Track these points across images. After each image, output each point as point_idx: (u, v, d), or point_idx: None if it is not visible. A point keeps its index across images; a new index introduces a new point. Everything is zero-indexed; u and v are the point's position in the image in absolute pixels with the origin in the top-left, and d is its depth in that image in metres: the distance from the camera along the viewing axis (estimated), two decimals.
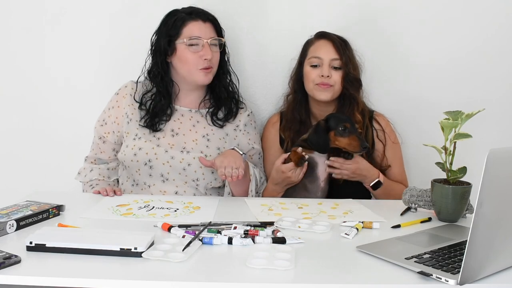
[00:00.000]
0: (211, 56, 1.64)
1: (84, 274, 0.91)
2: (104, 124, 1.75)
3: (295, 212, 1.39)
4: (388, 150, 1.75)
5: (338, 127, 1.57)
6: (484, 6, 1.95)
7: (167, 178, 1.63)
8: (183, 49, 1.64)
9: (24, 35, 1.98)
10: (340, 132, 1.56)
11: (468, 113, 1.28)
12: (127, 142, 1.67)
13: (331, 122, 1.59)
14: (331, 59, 1.69)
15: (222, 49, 1.72)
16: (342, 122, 1.57)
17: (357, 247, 1.07)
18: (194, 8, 1.69)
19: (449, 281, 0.89)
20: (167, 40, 1.65)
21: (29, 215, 1.19)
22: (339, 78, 1.70)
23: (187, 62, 1.64)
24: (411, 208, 1.42)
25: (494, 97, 1.98)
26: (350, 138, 1.56)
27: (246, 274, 0.93)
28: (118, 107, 1.73)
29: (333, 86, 1.70)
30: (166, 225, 1.17)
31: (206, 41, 1.63)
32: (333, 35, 1.74)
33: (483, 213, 0.86)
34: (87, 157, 1.79)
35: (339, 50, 1.70)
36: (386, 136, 1.76)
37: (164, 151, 1.63)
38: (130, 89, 1.74)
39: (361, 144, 1.54)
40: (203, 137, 1.69)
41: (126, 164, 1.66)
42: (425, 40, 1.96)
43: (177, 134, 1.68)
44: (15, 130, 2.03)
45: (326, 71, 1.69)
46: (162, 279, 0.90)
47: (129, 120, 1.70)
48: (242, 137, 1.75)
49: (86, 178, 1.73)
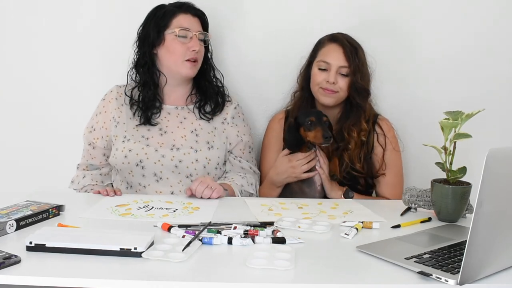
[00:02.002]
0: (199, 48, 1.67)
1: (84, 274, 0.91)
2: (93, 130, 1.75)
3: (295, 212, 1.39)
4: (387, 156, 1.72)
5: (305, 122, 1.59)
6: (485, 6, 1.95)
7: (160, 177, 1.63)
8: (171, 39, 1.67)
9: (19, 36, 1.98)
10: (308, 127, 1.59)
11: (468, 113, 1.28)
12: (117, 145, 1.68)
13: (300, 119, 1.63)
14: (339, 66, 1.68)
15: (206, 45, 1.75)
16: (308, 116, 1.60)
17: (357, 247, 1.07)
18: (184, 2, 1.73)
19: (449, 281, 0.89)
20: (156, 30, 1.68)
21: (29, 215, 1.18)
22: (345, 85, 1.68)
23: (175, 53, 1.67)
24: (411, 208, 1.42)
25: (494, 97, 1.98)
26: (315, 131, 1.58)
27: (246, 274, 0.93)
28: (105, 112, 1.74)
29: (338, 93, 1.69)
30: (166, 225, 1.17)
31: (195, 34, 1.67)
32: (345, 40, 1.71)
33: (483, 213, 0.85)
34: (79, 165, 1.78)
35: (349, 57, 1.67)
36: (387, 140, 1.73)
37: (154, 150, 1.64)
38: (115, 93, 1.75)
39: (323, 135, 1.55)
40: (191, 132, 1.70)
41: (118, 167, 1.66)
42: (425, 40, 1.96)
43: (166, 133, 1.69)
44: (15, 130, 2.04)
45: (333, 77, 1.67)
46: (162, 279, 0.90)
47: (117, 123, 1.70)
48: (230, 130, 1.75)
49: (80, 185, 1.73)
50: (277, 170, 1.63)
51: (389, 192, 1.72)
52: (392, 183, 1.73)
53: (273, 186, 1.66)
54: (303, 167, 1.59)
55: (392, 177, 1.73)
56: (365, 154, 1.69)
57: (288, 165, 1.60)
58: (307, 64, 1.79)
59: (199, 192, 1.49)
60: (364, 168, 1.69)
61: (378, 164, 1.72)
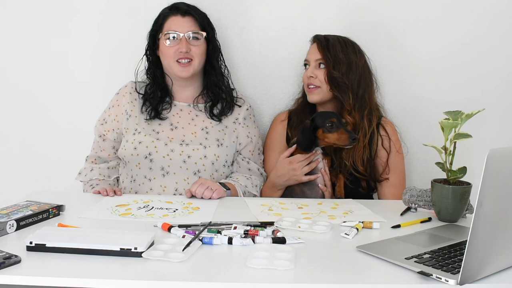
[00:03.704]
0: (186, 49, 1.67)
1: (84, 274, 0.91)
2: (104, 123, 1.77)
3: (295, 212, 1.39)
4: (391, 159, 1.71)
5: (325, 124, 1.57)
6: (484, 6, 1.95)
7: (167, 171, 1.64)
8: (163, 43, 1.70)
9: (18, 36, 1.98)
10: (328, 129, 1.56)
11: (468, 113, 1.28)
12: (127, 138, 1.69)
13: (318, 121, 1.59)
14: (315, 60, 1.70)
15: (210, 44, 1.74)
16: (328, 118, 1.57)
17: (357, 247, 1.07)
18: (176, 3, 1.74)
19: (449, 281, 0.89)
20: (152, 35, 1.73)
21: (29, 215, 1.18)
22: (322, 76, 1.68)
23: (167, 56, 1.70)
24: (411, 208, 1.42)
25: (494, 97, 1.98)
26: (339, 133, 1.55)
27: (246, 274, 0.93)
28: (118, 106, 1.76)
29: (320, 87, 1.69)
30: (166, 225, 1.17)
31: (183, 35, 1.67)
32: (323, 37, 1.72)
33: (483, 213, 0.86)
34: (87, 157, 1.80)
35: (323, 49, 1.68)
36: (392, 144, 1.71)
37: (163, 144, 1.65)
38: (130, 88, 1.78)
39: (350, 136, 1.53)
40: (202, 129, 1.71)
41: (126, 159, 1.68)
42: (425, 40, 1.96)
43: (176, 128, 1.70)
44: (15, 131, 2.04)
45: (310, 71, 1.70)
46: (162, 279, 0.90)
47: (129, 116, 1.72)
48: (241, 130, 1.76)
49: (87, 178, 1.74)
50: (278, 172, 1.63)
51: (391, 193, 1.71)
52: (394, 185, 1.71)
53: (274, 188, 1.66)
54: (304, 169, 1.58)
55: (395, 180, 1.71)
56: (368, 157, 1.68)
57: (289, 167, 1.59)
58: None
59: (199, 193, 1.50)
60: (367, 171, 1.68)
61: (382, 168, 1.70)
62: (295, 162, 1.58)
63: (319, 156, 1.62)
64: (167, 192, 1.63)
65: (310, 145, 1.59)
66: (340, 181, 1.63)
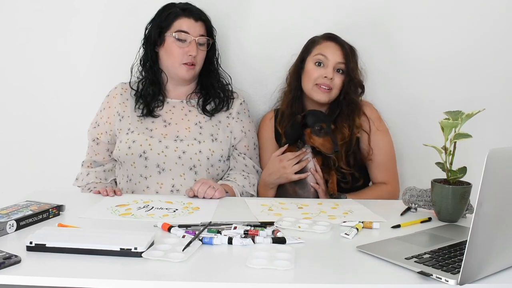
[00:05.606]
0: (196, 53, 1.68)
1: (84, 274, 0.91)
2: (97, 126, 1.77)
3: (295, 212, 1.39)
4: (372, 139, 1.69)
5: (315, 126, 1.58)
6: (484, 6, 1.94)
7: (163, 168, 1.64)
8: (171, 42, 1.68)
9: (17, 37, 1.98)
10: (316, 132, 1.58)
11: (468, 113, 1.28)
12: (121, 138, 1.69)
13: (309, 120, 1.61)
14: (337, 62, 1.68)
15: (211, 49, 1.76)
16: (319, 121, 1.58)
17: (357, 247, 1.07)
18: (190, 6, 1.73)
19: (449, 281, 0.89)
20: (158, 31, 1.70)
21: (29, 215, 1.18)
22: (340, 83, 1.69)
23: (173, 55, 1.69)
24: (411, 208, 1.42)
25: (494, 97, 1.98)
26: (325, 139, 1.57)
27: (246, 274, 0.93)
28: (109, 108, 1.76)
29: (332, 90, 1.69)
30: (166, 225, 1.17)
31: (194, 39, 1.67)
32: (341, 39, 1.72)
33: (483, 213, 0.85)
34: (83, 162, 1.80)
35: (347, 55, 1.68)
36: (371, 123, 1.71)
37: (158, 141, 1.65)
38: (120, 89, 1.78)
39: (333, 148, 1.56)
40: (195, 124, 1.71)
41: (121, 159, 1.68)
42: (425, 40, 1.96)
43: (170, 124, 1.70)
44: (15, 130, 2.04)
45: (331, 72, 1.67)
46: (162, 279, 0.90)
47: (121, 117, 1.72)
48: (235, 124, 1.76)
49: (83, 183, 1.75)
50: (269, 170, 1.64)
51: (381, 175, 1.70)
52: (382, 165, 1.70)
53: (266, 186, 1.67)
54: (294, 167, 1.59)
55: (381, 159, 1.70)
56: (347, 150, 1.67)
57: (279, 165, 1.59)
58: (298, 61, 1.78)
59: (202, 192, 1.50)
60: (350, 163, 1.68)
61: (366, 151, 1.70)
62: (285, 160, 1.59)
63: (308, 155, 1.62)
64: (164, 189, 1.64)
65: (296, 139, 1.62)
66: (333, 178, 1.64)
